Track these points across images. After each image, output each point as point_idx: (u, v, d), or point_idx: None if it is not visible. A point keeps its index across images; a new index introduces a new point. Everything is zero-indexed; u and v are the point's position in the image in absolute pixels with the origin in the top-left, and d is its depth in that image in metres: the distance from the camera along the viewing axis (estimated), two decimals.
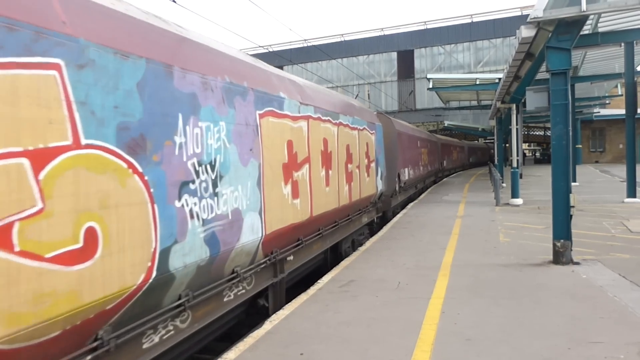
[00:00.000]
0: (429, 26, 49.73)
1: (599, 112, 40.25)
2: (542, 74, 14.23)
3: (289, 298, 7.08)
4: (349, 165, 9.97)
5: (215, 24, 13.53)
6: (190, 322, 4.77)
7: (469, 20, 48.19)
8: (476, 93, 29.57)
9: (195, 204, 4.58)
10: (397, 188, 15.70)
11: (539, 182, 24.68)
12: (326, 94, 9.45)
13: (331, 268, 8.67)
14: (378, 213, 13.50)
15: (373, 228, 13.24)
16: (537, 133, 61.02)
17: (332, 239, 9.30)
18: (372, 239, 11.25)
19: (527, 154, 67.39)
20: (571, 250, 8.01)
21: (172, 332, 4.48)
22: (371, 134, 12.20)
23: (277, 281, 6.79)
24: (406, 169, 17.79)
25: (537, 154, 60.93)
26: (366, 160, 11.53)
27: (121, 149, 3.66)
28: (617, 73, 21.58)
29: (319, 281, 7.71)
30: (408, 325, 5.49)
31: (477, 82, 25.30)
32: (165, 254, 4.13)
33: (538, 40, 9.25)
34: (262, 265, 6.22)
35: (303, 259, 7.84)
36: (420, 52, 49.65)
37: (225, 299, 5.49)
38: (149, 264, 3.94)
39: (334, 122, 9.01)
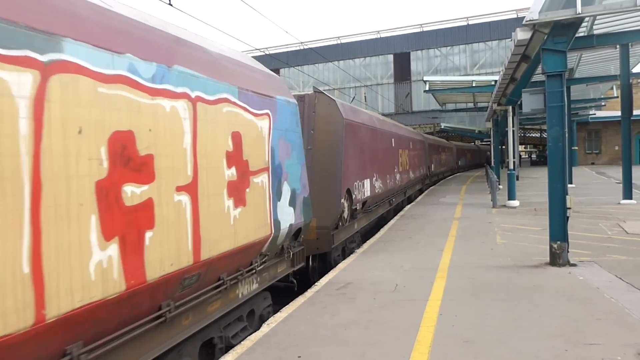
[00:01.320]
0: (425, 29, 49.87)
1: (594, 114, 40.47)
2: (538, 76, 14.31)
3: None
4: (156, 187, 4.11)
5: (211, 26, 13.54)
6: None
7: (465, 23, 48.34)
8: (472, 95, 29.71)
9: None
10: (345, 213, 9.92)
11: (535, 183, 24.74)
12: None
13: None
14: (296, 265, 7.57)
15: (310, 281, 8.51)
16: (533, 135, 61.10)
17: None
18: (369, 241, 11.24)
19: (523, 156, 67.49)
20: (568, 251, 8.03)
21: None
22: (258, 116, 6.02)
23: None
24: (367, 181, 11.69)
25: (534, 156, 61.10)
26: (234, 173, 5.39)
27: None
28: (613, 75, 21.71)
29: (316, 283, 7.70)
30: (405, 327, 5.49)
31: (474, 85, 25.41)
32: None
33: (534, 43, 9.29)
34: None
35: None
36: (416, 54, 49.76)
37: None
38: None
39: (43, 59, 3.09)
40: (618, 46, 15.28)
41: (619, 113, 16.58)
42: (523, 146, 69.28)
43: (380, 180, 13.35)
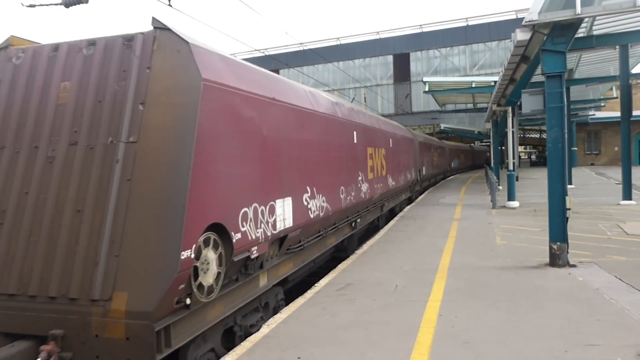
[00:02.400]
0: (425, 29, 49.88)
1: (594, 114, 40.53)
2: (537, 77, 14.30)
3: None
4: None
5: (211, 27, 13.55)
6: None
7: (464, 24, 48.34)
8: (472, 96, 29.70)
9: None
10: (209, 276, 4.87)
11: (535, 184, 24.75)
12: None
13: None
14: None
15: None
16: (533, 135, 61.18)
17: None
18: (368, 242, 11.24)
19: (522, 157, 67.46)
20: (567, 252, 8.03)
21: None
22: None
23: None
24: (285, 203, 6.72)
25: (533, 157, 61.14)
26: None
27: None
28: (612, 76, 21.73)
29: (316, 284, 7.70)
30: (405, 328, 5.49)
31: (473, 85, 25.40)
32: None
33: (533, 43, 9.30)
34: None
35: None
36: (416, 55, 49.77)
37: None
38: None
39: None
40: (617, 47, 15.29)
41: (618, 114, 16.60)
42: (522, 147, 69.31)
43: (323, 197, 8.29)
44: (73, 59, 5.11)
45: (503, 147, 32.32)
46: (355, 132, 10.93)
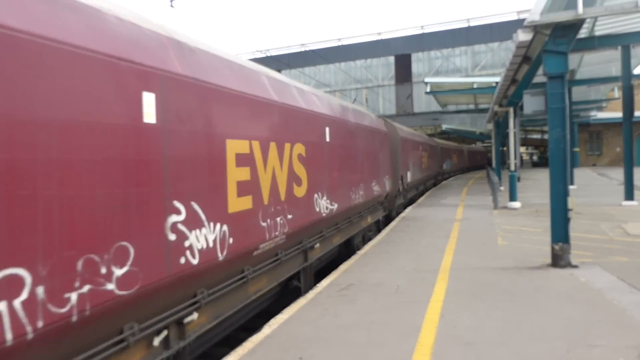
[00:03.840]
0: (426, 30, 49.96)
1: (596, 115, 40.47)
2: (539, 78, 14.29)
3: None
4: None
5: (212, 27, 13.60)
6: None
7: (466, 25, 48.40)
8: (473, 97, 29.69)
9: None
10: None
11: (536, 185, 24.74)
12: None
13: None
14: None
15: None
16: (535, 136, 61.03)
17: None
18: (370, 243, 11.23)
19: (524, 157, 67.35)
20: (569, 253, 8.02)
21: None
22: None
23: None
24: None
25: (535, 157, 61.04)
26: None
27: None
28: (614, 76, 21.69)
29: (317, 285, 7.70)
30: (407, 328, 5.48)
31: (475, 86, 25.38)
32: None
33: (535, 44, 9.29)
34: None
35: None
36: (417, 56, 49.84)
37: None
38: None
39: None
40: (619, 47, 15.26)
41: (620, 114, 16.55)
42: (524, 147, 69.17)
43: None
44: None
45: (504, 148, 32.29)
46: (159, 101, 4.19)
